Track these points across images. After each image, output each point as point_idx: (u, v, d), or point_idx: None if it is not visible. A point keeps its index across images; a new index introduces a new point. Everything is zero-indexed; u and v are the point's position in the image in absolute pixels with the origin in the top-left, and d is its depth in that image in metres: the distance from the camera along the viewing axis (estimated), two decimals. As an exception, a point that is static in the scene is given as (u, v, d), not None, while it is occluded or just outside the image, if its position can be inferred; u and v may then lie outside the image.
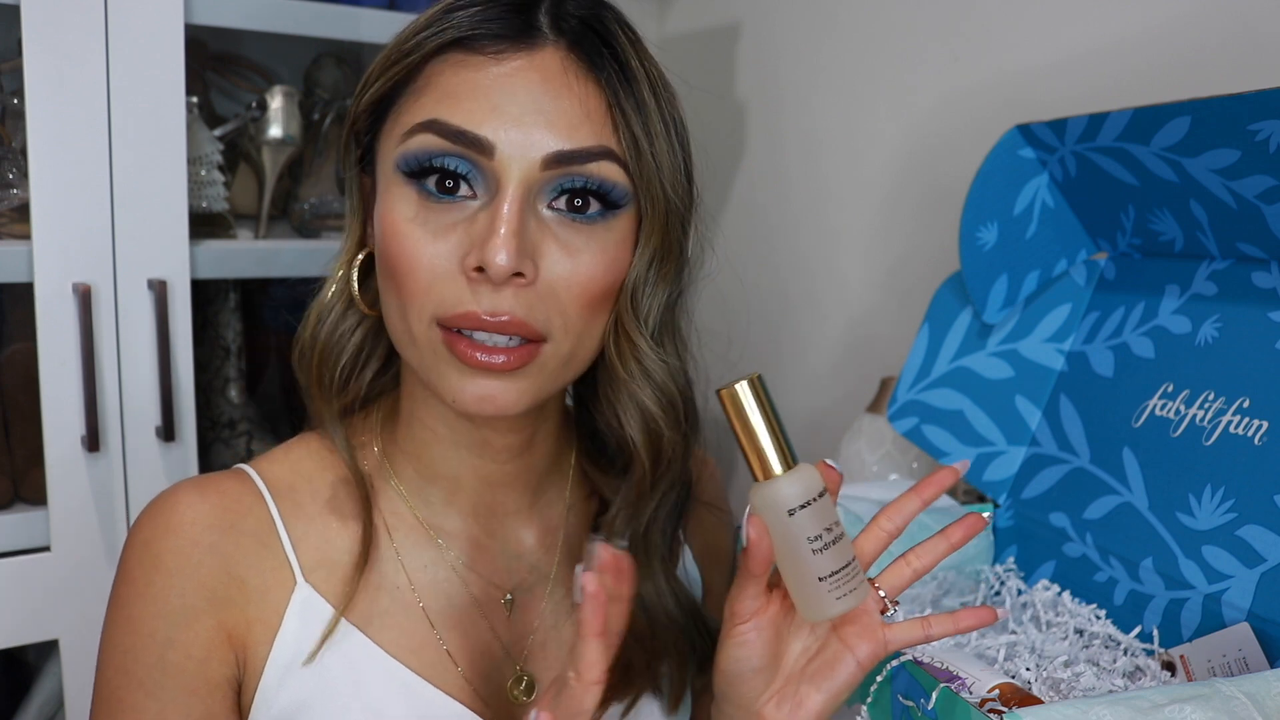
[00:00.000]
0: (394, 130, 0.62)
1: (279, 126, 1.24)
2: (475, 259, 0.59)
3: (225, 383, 1.30)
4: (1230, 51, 0.87)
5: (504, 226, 0.58)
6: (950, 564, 0.86)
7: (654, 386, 0.66)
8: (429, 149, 0.59)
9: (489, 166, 0.59)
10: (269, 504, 0.67)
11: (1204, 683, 0.53)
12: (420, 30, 0.62)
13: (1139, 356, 0.82)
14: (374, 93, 0.63)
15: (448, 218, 0.60)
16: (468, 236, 0.60)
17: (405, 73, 0.62)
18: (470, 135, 0.59)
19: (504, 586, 0.71)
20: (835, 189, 1.32)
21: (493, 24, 0.60)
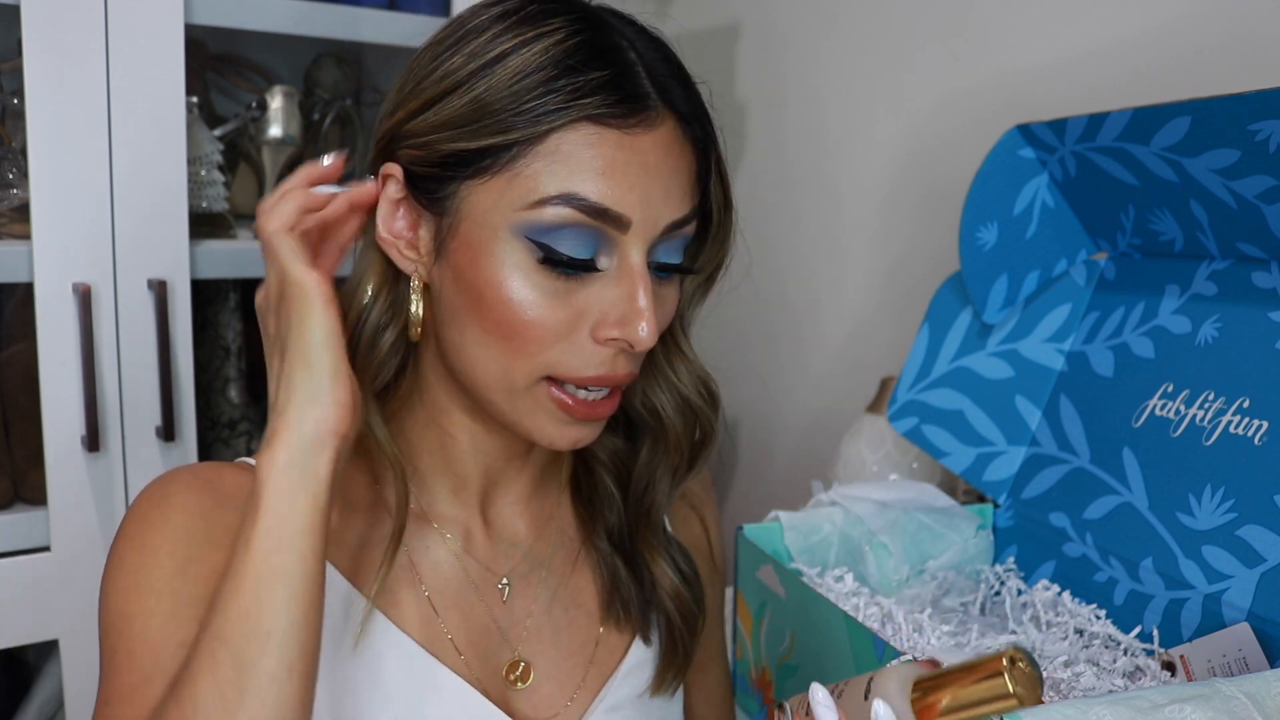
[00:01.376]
0: (512, 189, 0.60)
1: (279, 126, 1.24)
2: (617, 332, 0.62)
3: (225, 383, 1.30)
4: (1230, 51, 0.87)
5: (644, 300, 0.61)
6: (950, 564, 0.86)
7: (695, 381, 0.73)
8: (568, 222, 0.60)
9: (619, 240, 0.62)
10: None
11: (1204, 683, 0.53)
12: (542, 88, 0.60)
13: (1139, 356, 0.82)
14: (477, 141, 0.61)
15: (572, 284, 0.62)
16: (599, 305, 0.62)
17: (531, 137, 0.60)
18: (613, 214, 0.60)
19: (500, 572, 0.73)
20: (835, 189, 1.32)
21: (613, 95, 0.61)
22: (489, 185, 0.61)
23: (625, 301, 0.62)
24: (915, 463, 1.02)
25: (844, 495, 0.89)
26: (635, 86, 0.61)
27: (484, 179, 0.61)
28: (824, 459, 1.14)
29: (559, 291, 0.61)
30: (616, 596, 0.75)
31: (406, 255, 0.65)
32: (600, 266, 0.62)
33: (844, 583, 0.82)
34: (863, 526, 0.86)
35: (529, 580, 0.74)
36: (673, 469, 0.74)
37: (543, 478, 0.76)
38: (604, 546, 0.76)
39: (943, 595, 0.85)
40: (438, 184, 0.63)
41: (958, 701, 0.50)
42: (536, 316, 0.61)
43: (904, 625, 0.76)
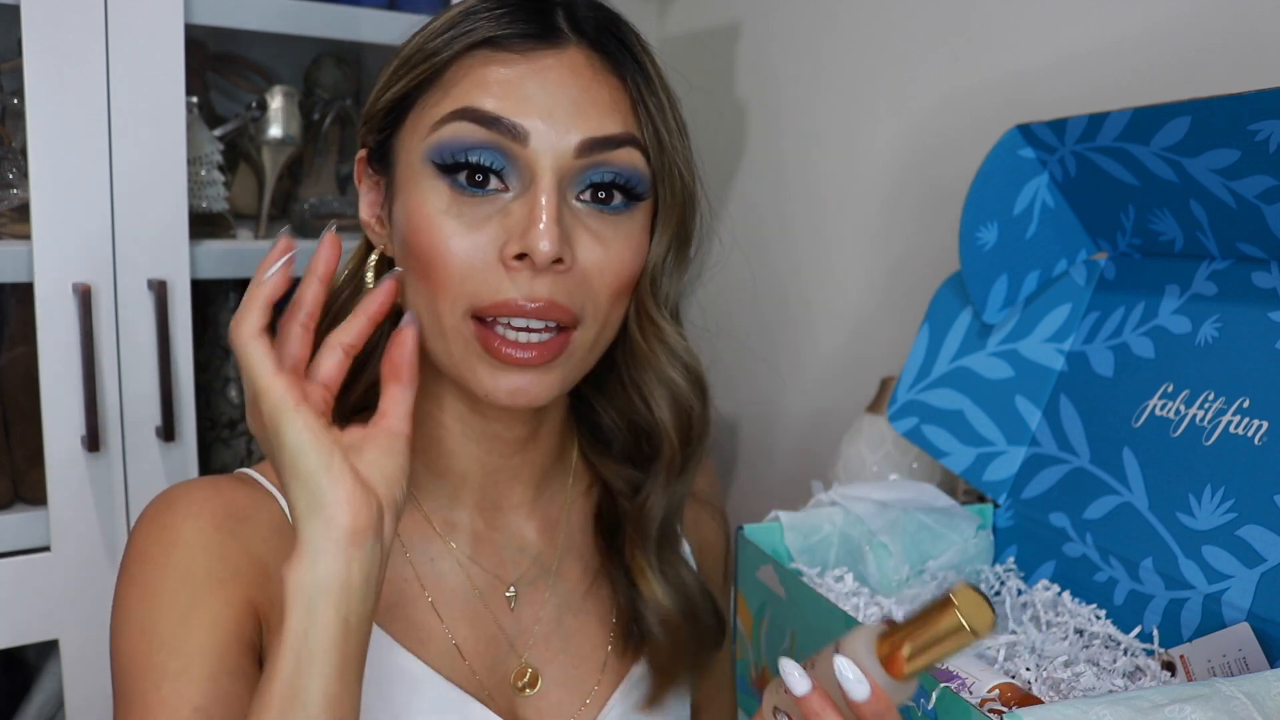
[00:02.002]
0: (420, 122, 0.63)
1: (279, 126, 1.24)
2: (516, 247, 0.60)
3: (225, 383, 1.30)
4: (1230, 51, 0.87)
5: (545, 214, 0.60)
6: (950, 564, 0.86)
7: (680, 363, 0.70)
8: (461, 137, 0.60)
9: (522, 156, 0.61)
10: (278, 500, 0.68)
11: (1204, 683, 0.53)
12: (443, 31, 0.63)
13: (1139, 356, 0.82)
14: (396, 91, 0.64)
15: (481, 210, 0.61)
16: (504, 227, 0.61)
17: (431, 71, 0.63)
18: (506, 122, 0.60)
19: (507, 579, 0.72)
20: (835, 189, 1.32)
21: (518, 25, 0.62)
22: (407, 125, 0.64)
23: (527, 215, 0.60)
24: (915, 463, 1.02)
25: (844, 495, 0.89)
26: (541, 17, 0.63)
27: (406, 123, 0.64)
28: (824, 459, 1.14)
29: (470, 218, 0.61)
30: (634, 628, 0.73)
31: (378, 232, 0.68)
32: (506, 188, 0.61)
33: (844, 583, 0.82)
34: (863, 526, 0.86)
35: (537, 586, 0.73)
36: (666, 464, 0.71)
37: (545, 479, 0.75)
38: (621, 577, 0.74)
39: (943, 595, 0.85)
40: (382, 149, 0.66)
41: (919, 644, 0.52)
42: (446, 242, 0.61)
43: (904, 625, 0.76)
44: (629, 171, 0.64)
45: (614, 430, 0.75)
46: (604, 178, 0.63)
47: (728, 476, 1.52)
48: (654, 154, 0.65)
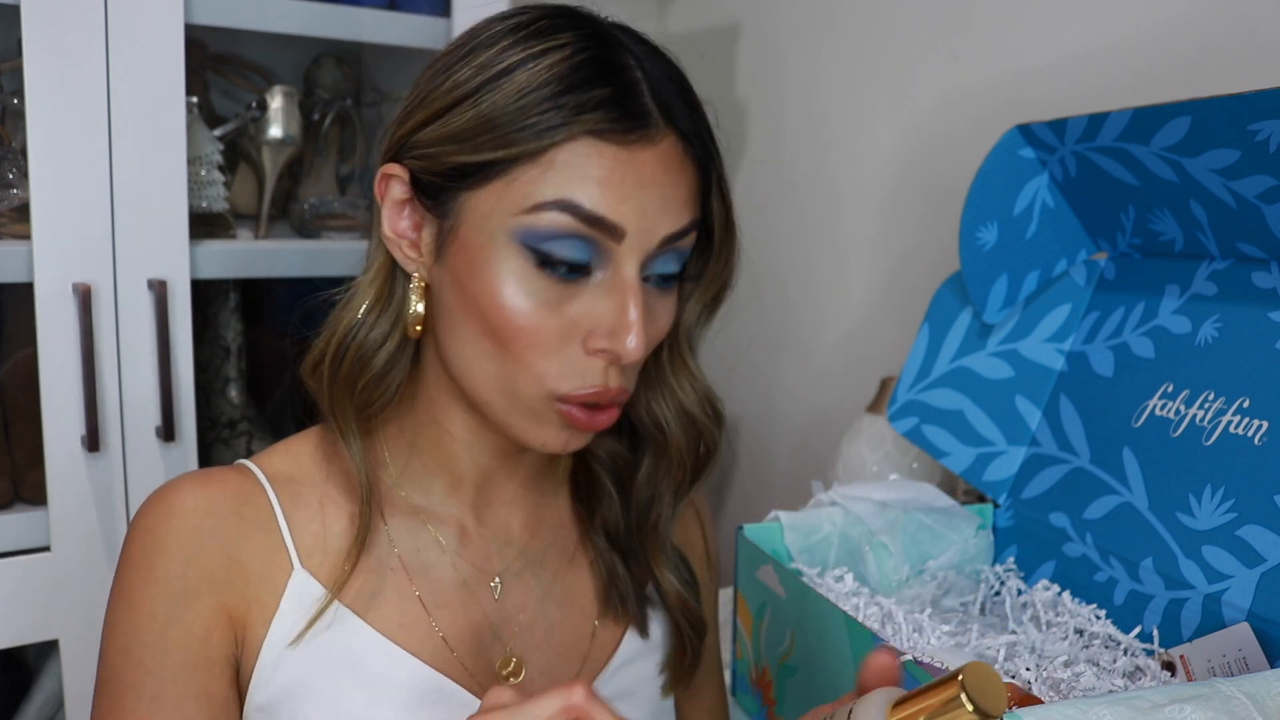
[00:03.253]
0: (509, 196, 0.62)
1: (279, 126, 1.24)
2: (605, 343, 0.63)
3: (225, 383, 1.30)
4: (1230, 51, 0.87)
5: (634, 314, 0.62)
6: (950, 564, 0.86)
7: (700, 399, 0.74)
8: (561, 229, 0.61)
9: (613, 251, 0.63)
10: (269, 494, 0.70)
11: (1204, 683, 0.53)
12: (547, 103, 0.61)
13: (1139, 356, 0.82)
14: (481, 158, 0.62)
15: (564, 292, 0.63)
16: (588, 316, 0.63)
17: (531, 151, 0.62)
18: (608, 222, 0.61)
19: (492, 571, 0.73)
20: (835, 189, 1.32)
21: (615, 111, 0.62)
22: (488, 190, 0.63)
23: (615, 313, 0.62)
24: (915, 463, 1.02)
25: (844, 495, 0.89)
26: (637, 104, 0.62)
27: (484, 185, 0.63)
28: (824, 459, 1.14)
29: (552, 301, 0.62)
30: (614, 591, 0.75)
31: (409, 255, 0.67)
32: (594, 277, 0.63)
33: (844, 583, 0.82)
34: (863, 526, 0.86)
35: (522, 578, 0.74)
36: (676, 483, 0.76)
37: (539, 475, 0.77)
38: (601, 543, 0.77)
39: (943, 595, 0.85)
40: (440, 191, 0.64)
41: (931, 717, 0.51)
42: (530, 323, 0.62)
43: (904, 625, 0.76)
44: (685, 255, 0.67)
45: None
46: (671, 269, 0.66)
47: (728, 476, 1.52)
48: (719, 234, 0.69)
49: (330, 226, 1.29)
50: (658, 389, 0.74)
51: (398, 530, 0.71)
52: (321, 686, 0.66)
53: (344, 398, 0.68)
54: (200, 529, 0.66)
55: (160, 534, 0.66)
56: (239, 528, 0.68)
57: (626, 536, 0.77)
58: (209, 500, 0.67)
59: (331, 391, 0.68)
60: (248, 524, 0.68)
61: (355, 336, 0.68)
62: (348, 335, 0.68)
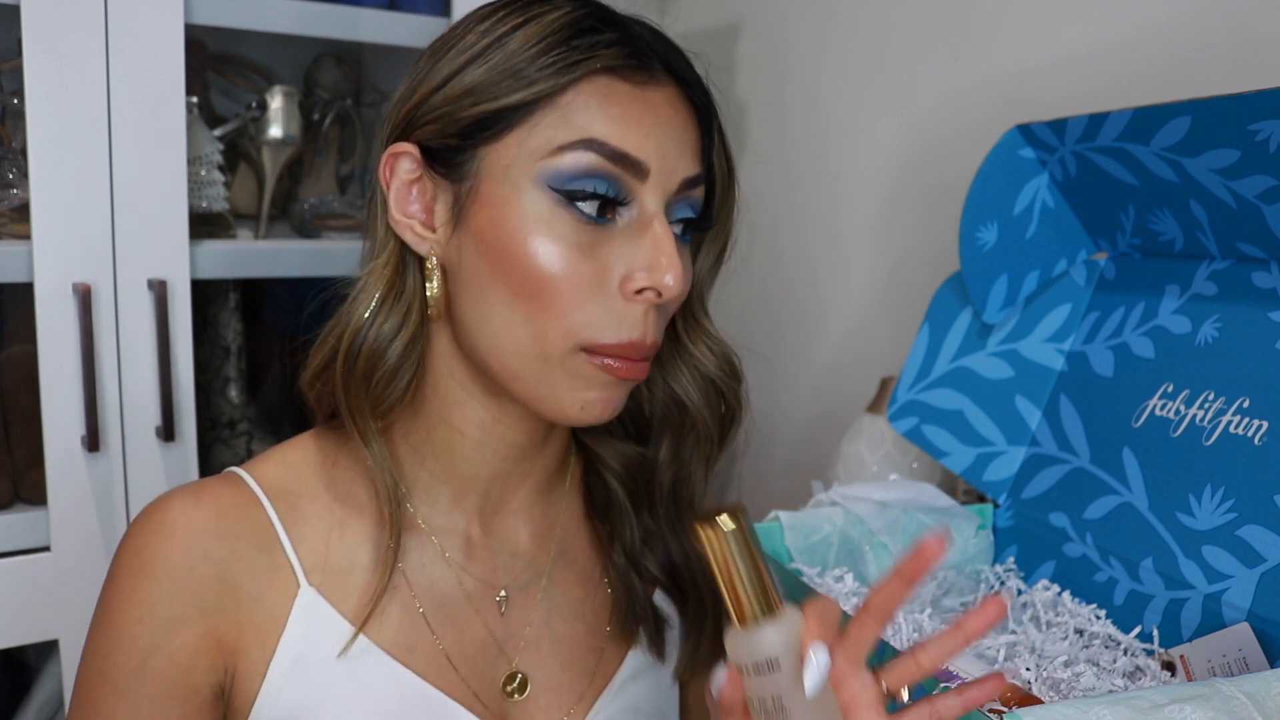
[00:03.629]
0: (530, 142, 0.61)
1: (279, 126, 1.24)
2: (644, 280, 0.61)
3: (225, 383, 1.30)
4: (1230, 51, 0.87)
5: (669, 249, 0.61)
6: (950, 564, 0.86)
7: (718, 358, 0.73)
8: (589, 168, 0.60)
9: (638, 191, 0.62)
10: (266, 508, 0.67)
11: (1204, 683, 0.53)
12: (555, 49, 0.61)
13: (1139, 356, 0.82)
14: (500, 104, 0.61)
15: (596, 237, 0.62)
16: (621, 259, 0.62)
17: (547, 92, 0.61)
18: (631, 158, 0.61)
19: (498, 584, 0.72)
20: (835, 189, 1.32)
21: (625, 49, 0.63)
22: (508, 140, 0.62)
23: (650, 250, 0.62)
24: (915, 463, 1.02)
25: (844, 495, 0.89)
26: (641, 48, 0.63)
27: (503, 136, 0.62)
28: (824, 459, 1.14)
29: (584, 244, 0.61)
30: (631, 614, 0.74)
31: (422, 235, 0.65)
32: (621, 218, 0.62)
33: (844, 583, 0.82)
34: (863, 526, 0.86)
35: (528, 591, 0.72)
36: (705, 458, 0.74)
37: (549, 484, 0.75)
38: (620, 561, 0.74)
39: (943, 595, 0.85)
40: (456, 153, 0.63)
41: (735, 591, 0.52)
42: (563, 269, 0.61)
43: (904, 625, 0.76)
44: (697, 207, 0.66)
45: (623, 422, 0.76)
46: (687, 214, 0.65)
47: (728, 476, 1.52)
48: (720, 189, 0.69)
49: (330, 226, 1.29)
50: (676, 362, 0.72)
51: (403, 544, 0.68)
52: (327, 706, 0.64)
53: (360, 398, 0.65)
54: (191, 551, 0.64)
55: (149, 556, 0.64)
56: (233, 549, 0.65)
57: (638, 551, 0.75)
58: (202, 521, 0.65)
59: (347, 392, 0.65)
60: (243, 544, 0.65)
61: (368, 332, 0.65)
62: (360, 331, 0.65)
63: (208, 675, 0.64)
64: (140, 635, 0.63)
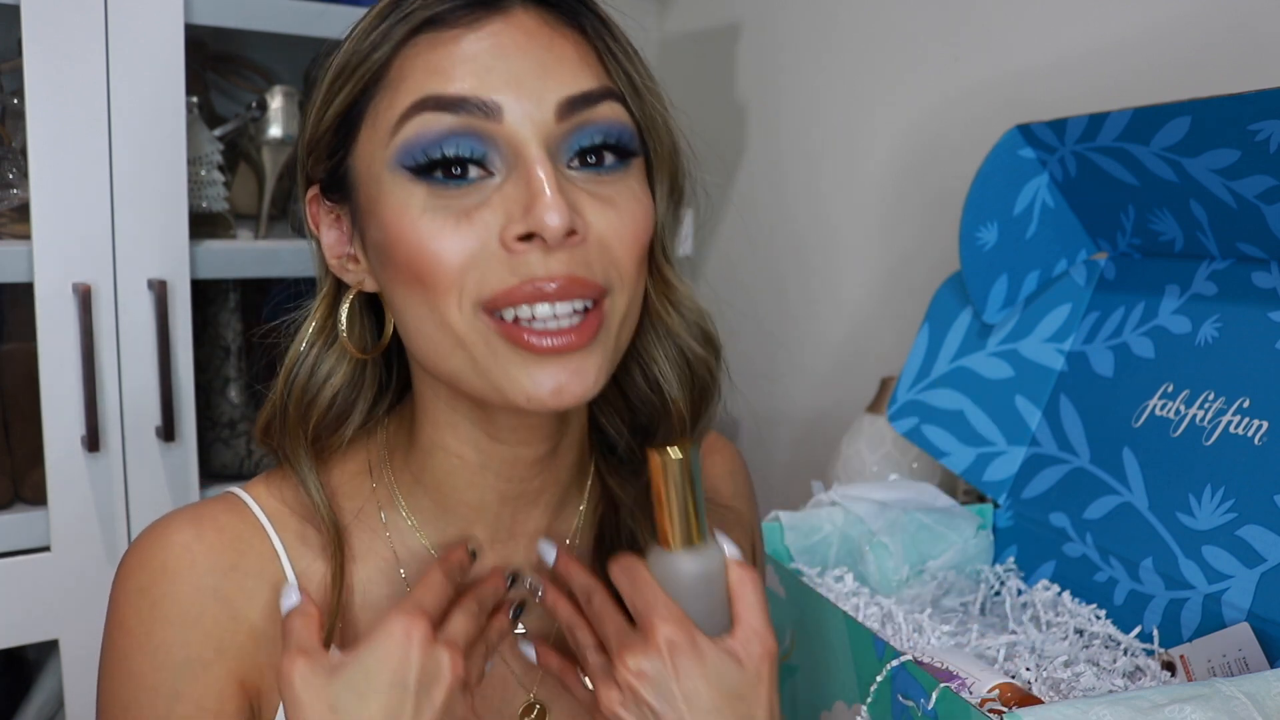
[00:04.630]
0: (376, 130, 0.57)
1: (279, 126, 1.24)
2: (520, 227, 0.54)
3: (225, 383, 1.30)
4: (1230, 51, 0.87)
5: (546, 185, 0.54)
6: (950, 564, 0.86)
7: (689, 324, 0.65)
8: (430, 130, 0.55)
9: (500, 134, 0.55)
10: (270, 535, 0.63)
11: (1204, 683, 0.53)
12: (375, 26, 0.58)
13: (1139, 356, 0.82)
14: (340, 104, 0.58)
15: (468, 200, 0.56)
16: (499, 211, 0.55)
17: (374, 70, 0.57)
18: (474, 101, 0.54)
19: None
20: (835, 189, 1.32)
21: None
22: (361, 138, 0.58)
23: (524, 191, 0.54)
24: (915, 463, 1.02)
25: (844, 495, 0.89)
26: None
27: (360, 136, 0.58)
28: (824, 459, 1.14)
29: (455, 210, 0.55)
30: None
31: (352, 270, 0.62)
32: (489, 173, 0.56)
33: (844, 583, 0.82)
34: (863, 526, 0.86)
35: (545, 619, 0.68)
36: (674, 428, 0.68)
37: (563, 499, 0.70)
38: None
39: (943, 595, 0.85)
40: (335, 172, 0.60)
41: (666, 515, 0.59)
42: (439, 243, 0.55)
43: (904, 625, 0.76)
44: (616, 128, 0.58)
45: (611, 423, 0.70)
46: (593, 140, 0.57)
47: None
48: (634, 105, 0.60)
49: (330, 226, 1.29)
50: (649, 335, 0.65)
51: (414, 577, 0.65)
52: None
53: (296, 440, 0.62)
54: (200, 589, 0.60)
55: (156, 597, 0.60)
56: (242, 584, 0.61)
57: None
58: (205, 555, 0.60)
59: (283, 437, 0.62)
60: (251, 579, 0.61)
61: (297, 375, 0.62)
62: (291, 373, 0.62)
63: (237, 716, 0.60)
64: (161, 683, 0.59)
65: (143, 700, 0.59)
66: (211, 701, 0.59)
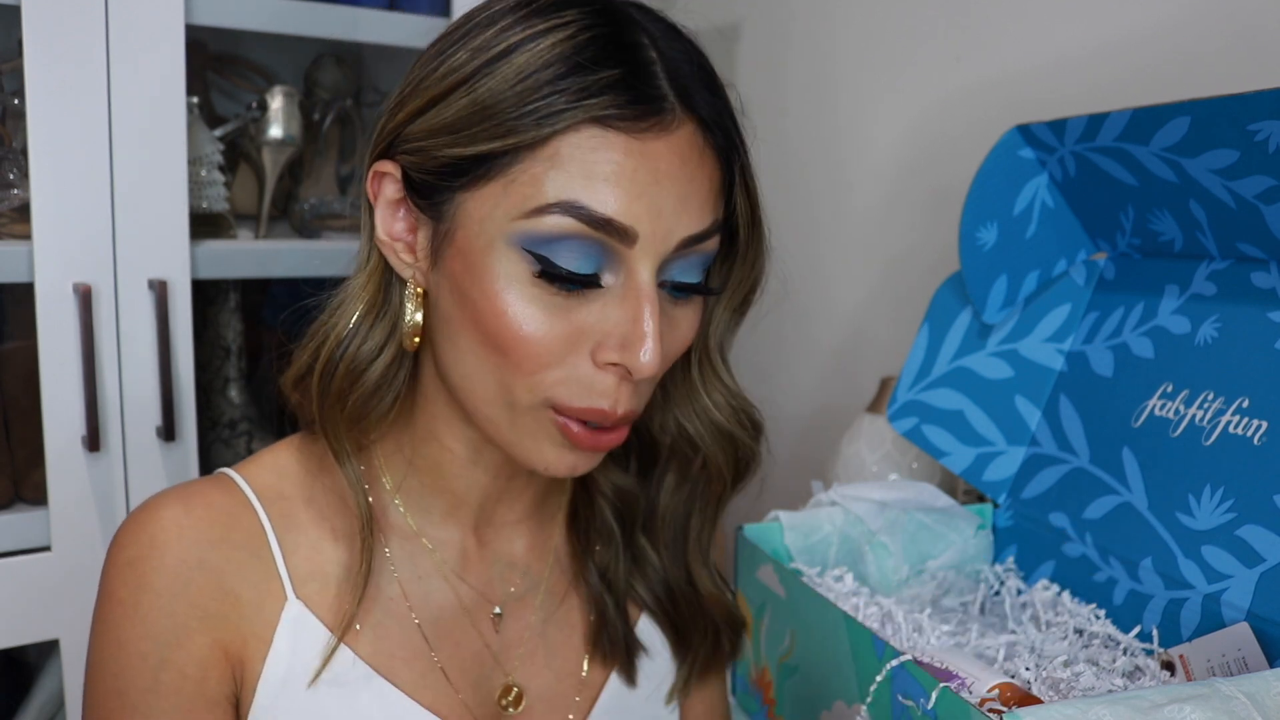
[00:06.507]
0: (509, 195, 0.56)
1: (279, 126, 1.24)
2: (615, 356, 0.57)
3: (225, 383, 1.30)
4: (1230, 51, 0.87)
5: (649, 324, 0.56)
6: (950, 564, 0.86)
7: (735, 412, 0.70)
8: (564, 231, 0.55)
9: (625, 255, 0.57)
10: (258, 512, 0.65)
11: (1203, 682, 0.53)
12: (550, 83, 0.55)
13: (1138, 356, 0.82)
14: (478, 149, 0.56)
15: (571, 301, 0.57)
16: (598, 328, 0.58)
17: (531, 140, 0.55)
18: (617, 225, 0.55)
19: (494, 598, 0.70)
20: (835, 188, 1.32)
21: (627, 95, 0.55)
22: (485, 191, 0.57)
23: (629, 323, 0.57)
24: (915, 463, 1.02)
25: (844, 495, 0.89)
26: (650, 87, 0.56)
27: (481, 186, 0.57)
28: (824, 459, 1.14)
29: (558, 307, 0.57)
30: (604, 635, 0.72)
31: (404, 259, 0.62)
32: (604, 283, 0.57)
33: (844, 583, 0.82)
34: (863, 526, 0.86)
35: (524, 601, 0.71)
36: (716, 496, 0.73)
37: (545, 495, 0.73)
38: (595, 582, 0.73)
39: (942, 595, 0.85)
40: (434, 191, 0.59)
41: None
42: (533, 332, 0.57)
43: (904, 625, 0.76)
44: (709, 260, 0.61)
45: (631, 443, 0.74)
46: (693, 278, 0.60)
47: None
48: (744, 233, 0.64)
49: (330, 227, 1.29)
50: (688, 404, 0.69)
51: (397, 554, 0.67)
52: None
53: (335, 415, 0.63)
54: (187, 561, 0.61)
55: (145, 569, 0.61)
56: (229, 556, 0.63)
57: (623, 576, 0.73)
58: (194, 528, 0.62)
59: (322, 408, 0.63)
60: (238, 550, 0.63)
61: (347, 349, 0.62)
62: (338, 347, 0.62)
63: (221, 687, 0.62)
64: (149, 651, 0.61)
65: (131, 667, 0.61)
66: (194, 670, 0.61)
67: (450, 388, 0.63)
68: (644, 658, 0.74)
